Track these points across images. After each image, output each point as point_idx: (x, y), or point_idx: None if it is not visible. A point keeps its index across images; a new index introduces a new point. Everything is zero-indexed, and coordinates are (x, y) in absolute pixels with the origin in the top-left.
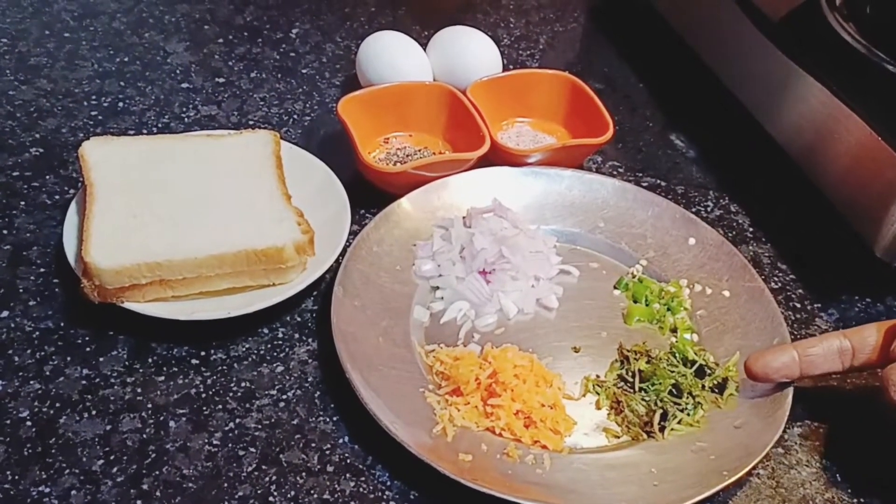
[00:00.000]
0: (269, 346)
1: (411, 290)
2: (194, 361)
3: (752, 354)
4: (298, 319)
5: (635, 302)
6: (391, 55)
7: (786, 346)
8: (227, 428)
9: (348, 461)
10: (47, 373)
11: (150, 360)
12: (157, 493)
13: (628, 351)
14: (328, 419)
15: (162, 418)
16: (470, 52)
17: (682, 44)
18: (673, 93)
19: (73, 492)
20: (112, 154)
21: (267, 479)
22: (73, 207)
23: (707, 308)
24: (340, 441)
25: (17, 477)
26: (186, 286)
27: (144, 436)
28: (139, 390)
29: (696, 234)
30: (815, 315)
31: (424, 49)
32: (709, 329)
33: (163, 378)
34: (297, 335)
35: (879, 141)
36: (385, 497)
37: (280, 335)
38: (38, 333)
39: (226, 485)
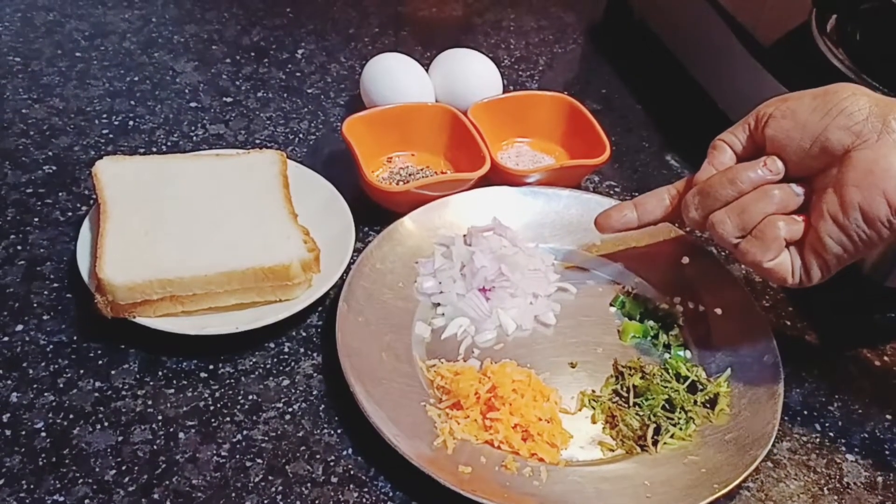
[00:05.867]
0: (275, 360)
1: (413, 306)
2: (203, 375)
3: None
4: (304, 334)
5: (630, 319)
6: (394, 76)
7: (624, 203)
8: (234, 439)
9: (352, 472)
10: (61, 385)
11: (160, 374)
12: (168, 503)
13: (623, 367)
14: (332, 431)
15: (172, 430)
16: (471, 74)
17: (678, 66)
18: (669, 114)
19: (87, 501)
20: (124, 173)
21: (273, 489)
22: (86, 224)
23: (700, 325)
24: (344, 453)
25: (32, 486)
26: (196, 302)
27: (155, 447)
28: (150, 402)
29: (689, 252)
30: (805, 332)
31: (426, 70)
32: (701, 346)
33: (173, 391)
34: (302, 350)
35: None
36: None
37: (286, 349)
38: (51, 347)
39: (233, 495)
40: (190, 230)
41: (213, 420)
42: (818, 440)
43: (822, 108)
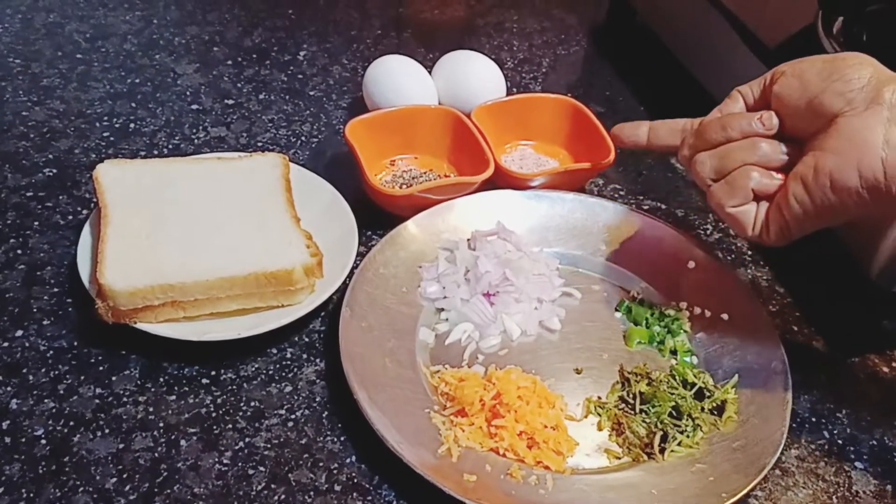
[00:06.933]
0: (277, 366)
1: (417, 311)
2: (205, 381)
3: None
4: (306, 340)
5: (636, 324)
6: (397, 79)
7: (643, 121)
8: (236, 447)
9: (355, 480)
10: (61, 391)
11: (161, 380)
12: None
13: (629, 373)
14: (335, 439)
15: (173, 437)
16: (474, 76)
17: (681, 68)
18: (672, 116)
19: None
20: (125, 176)
21: (276, 497)
22: (86, 228)
23: (706, 331)
24: (347, 461)
25: (32, 495)
26: (198, 307)
27: (156, 454)
28: (151, 409)
29: (695, 257)
30: (812, 338)
31: (429, 71)
32: (708, 352)
33: (174, 397)
34: (305, 355)
35: None
36: None
37: (288, 355)
38: (52, 353)
39: (235, 503)
40: (191, 235)
41: (214, 427)
42: (826, 448)
43: (826, 71)
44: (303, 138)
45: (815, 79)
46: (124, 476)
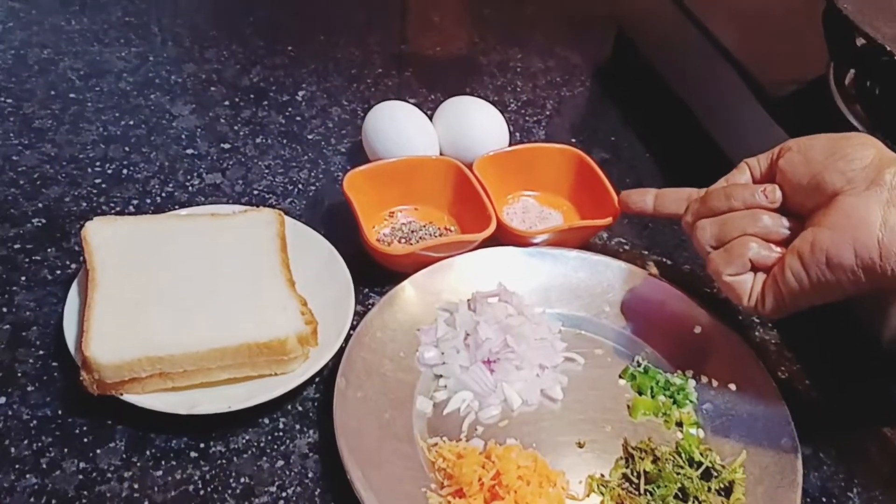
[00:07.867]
0: (269, 437)
1: (414, 378)
2: (193, 454)
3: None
4: (300, 409)
5: (640, 393)
6: (398, 127)
7: (651, 189)
8: None
9: None
10: (44, 466)
11: (148, 453)
12: None
13: (633, 448)
14: None
15: None
16: (477, 125)
17: (689, 114)
18: (679, 165)
19: None
20: (115, 235)
21: None
22: (74, 287)
23: (713, 401)
24: None
25: None
26: (187, 378)
27: None
28: (136, 486)
29: (701, 322)
30: (822, 407)
31: (430, 115)
32: (715, 424)
33: (161, 472)
34: (297, 426)
35: None
36: None
37: (281, 426)
38: (35, 423)
39: None
40: (182, 301)
41: None
42: None
43: (830, 149)
44: (300, 186)
45: (819, 156)
46: None
